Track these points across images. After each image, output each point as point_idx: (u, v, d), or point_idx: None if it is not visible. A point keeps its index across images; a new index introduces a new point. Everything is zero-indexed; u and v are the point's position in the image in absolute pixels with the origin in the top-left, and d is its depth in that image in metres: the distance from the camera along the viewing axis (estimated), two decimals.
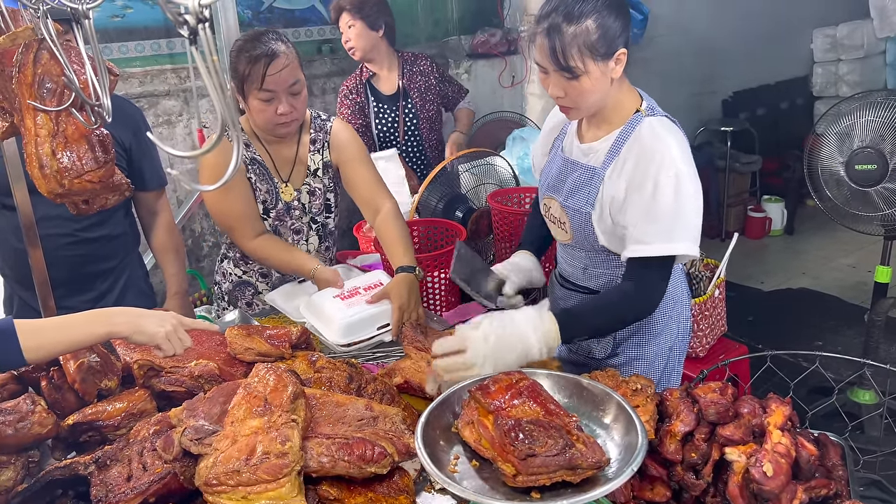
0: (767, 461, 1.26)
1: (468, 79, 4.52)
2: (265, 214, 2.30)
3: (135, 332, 1.44)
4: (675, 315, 1.91)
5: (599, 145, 1.75)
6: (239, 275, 2.45)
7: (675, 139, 1.65)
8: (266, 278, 2.44)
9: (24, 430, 1.40)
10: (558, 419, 1.16)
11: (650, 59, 5.14)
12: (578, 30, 1.57)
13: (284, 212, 2.32)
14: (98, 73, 0.99)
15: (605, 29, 1.58)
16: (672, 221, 1.60)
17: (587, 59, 1.59)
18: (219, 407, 1.34)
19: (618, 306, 1.68)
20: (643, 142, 1.65)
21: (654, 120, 1.69)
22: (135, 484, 1.25)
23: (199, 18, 0.66)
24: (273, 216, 2.31)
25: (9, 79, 1.20)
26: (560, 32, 1.58)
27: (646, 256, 1.62)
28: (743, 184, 5.84)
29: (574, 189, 1.78)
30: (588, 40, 1.58)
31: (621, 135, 1.70)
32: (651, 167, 1.61)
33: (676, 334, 1.93)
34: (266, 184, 2.28)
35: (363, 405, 1.43)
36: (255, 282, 2.45)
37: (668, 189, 1.59)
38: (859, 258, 5.14)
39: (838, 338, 4.15)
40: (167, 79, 3.54)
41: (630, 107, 1.73)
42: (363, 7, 3.29)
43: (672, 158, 1.61)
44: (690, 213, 1.62)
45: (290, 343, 1.77)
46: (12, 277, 2.34)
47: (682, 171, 1.60)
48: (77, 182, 1.21)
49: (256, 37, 2.07)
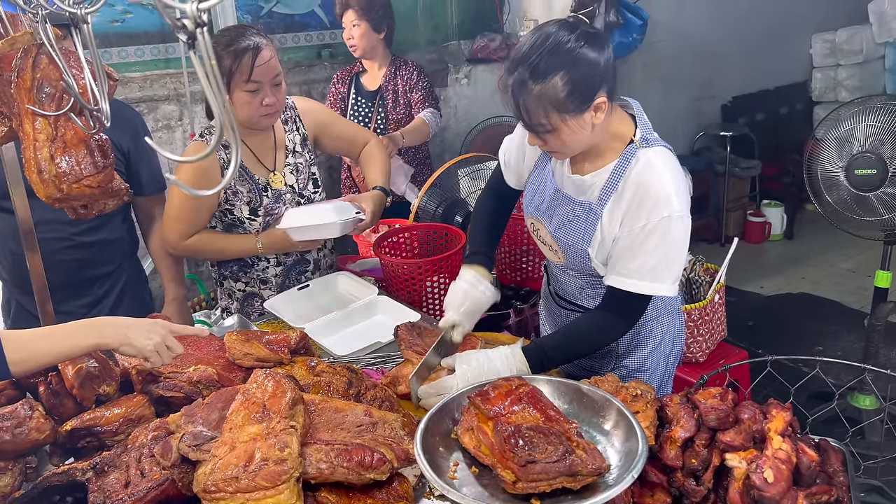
0: (768, 467, 1.25)
1: (468, 83, 4.52)
2: (252, 215, 2.27)
3: (123, 344, 1.43)
4: (671, 324, 1.92)
5: (593, 179, 1.67)
6: (242, 288, 2.43)
7: (670, 173, 1.59)
8: (266, 284, 2.42)
9: (22, 436, 1.40)
10: (558, 425, 1.15)
11: (650, 64, 5.14)
12: (545, 88, 1.46)
13: (274, 201, 2.31)
14: (97, 78, 0.99)
15: (575, 84, 1.46)
16: (655, 263, 1.60)
17: (554, 117, 1.50)
18: (217, 413, 1.33)
19: (591, 335, 1.72)
20: (638, 178, 1.59)
21: (649, 153, 1.61)
22: (132, 490, 1.25)
23: (197, 23, 0.66)
24: (261, 214, 2.29)
25: (7, 83, 1.20)
26: (525, 90, 1.48)
27: (625, 290, 1.63)
28: (742, 188, 5.84)
29: (566, 223, 1.73)
30: (556, 99, 1.47)
31: (616, 169, 1.62)
32: (645, 206, 1.58)
33: (672, 341, 1.94)
34: (247, 184, 2.27)
35: (362, 411, 1.42)
36: (258, 291, 2.43)
37: (657, 231, 1.57)
38: (859, 263, 5.13)
39: (838, 343, 4.14)
40: (166, 83, 3.54)
41: (624, 137, 1.64)
42: (370, 9, 3.32)
43: (666, 198, 1.56)
44: (674, 257, 1.61)
45: (288, 348, 1.76)
46: (10, 282, 2.34)
47: (675, 212, 1.56)
48: (76, 187, 1.21)
49: (240, 32, 2.11)
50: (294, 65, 3.96)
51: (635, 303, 1.66)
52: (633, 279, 1.61)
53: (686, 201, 1.61)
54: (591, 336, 1.72)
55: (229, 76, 2.06)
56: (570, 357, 1.78)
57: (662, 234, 1.57)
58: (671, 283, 1.62)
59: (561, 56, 1.45)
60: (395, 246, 2.62)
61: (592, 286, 1.83)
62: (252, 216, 2.28)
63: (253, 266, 2.38)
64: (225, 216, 2.28)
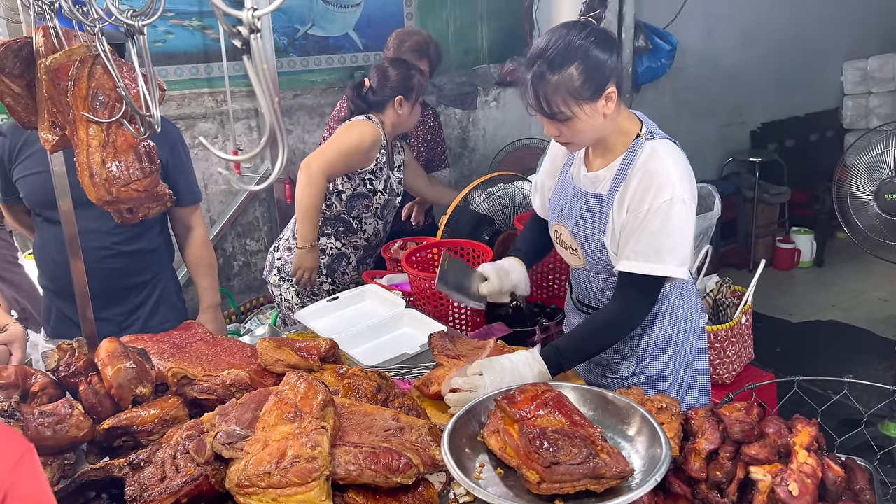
0: (793, 481, 1.25)
1: (496, 106, 4.58)
2: (384, 191, 2.89)
3: None
4: (693, 329, 1.96)
5: (604, 173, 1.79)
6: (339, 247, 2.95)
7: (674, 161, 1.70)
8: (357, 250, 2.97)
9: (62, 433, 1.44)
10: (583, 429, 1.17)
11: (679, 90, 5.17)
12: (562, 77, 1.62)
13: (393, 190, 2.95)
14: (149, 85, 1.05)
15: (589, 73, 1.62)
16: (659, 244, 1.67)
17: (572, 104, 1.64)
18: (250, 413, 1.37)
19: (603, 329, 1.79)
20: (644, 165, 1.71)
21: (655, 143, 1.74)
22: (168, 484, 1.28)
23: (251, 29, 0.71)
24: (388, 192, 2.91)
25: (63, 92, 1.27)
26: (544, 81, 1.63)
27: (634, 273, 1.70)
28: (771, 215, 5.80)
29: (583, 217, 1.83)
30: (572, 87, 1.62)
31: (624, 161, 1.75)
32: (649, 191, 1.68)
33: (695, 348, 1.97)
34: (387, 167, 2.91)
35: (390, 416, 1.45)
36: (349, 253, 2.97)
37: (659, 213, 1.66)
38: (891, 292, 5.06)
39: (869, 371, 4.07)
40: (204, 102, 3.65)
41: (631, 132, 1.77)
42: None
43: (670, 183, 1.66)
44: (678, 238, 1.68)
45: (318, 356, 1.79)
46: (52, 290, 2.41)
47: (678, 195, 1.66)
48: (124, 190, 1.27)
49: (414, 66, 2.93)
50: (328, 86, 4.06)
51: (645, 286, 1.73)
52: (640, 261, 1.69)
53: (690, 187, 1.70)
54: (602, 329, 1.79)
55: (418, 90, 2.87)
56: (586, 354, 1.84)
57: (665, 216, 1.66)
58: (677, 265, 1.69)
59: (574, 50, 1.62)
60: (423, 261, 2.66)
61: (612, 287, 1.87)
62: (383, 192, 2.89)
63: (356, 232, 2.95)
64: (365, 184, 2.86)
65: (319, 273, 2.93)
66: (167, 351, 1.74)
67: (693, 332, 1.96)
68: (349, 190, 2.86)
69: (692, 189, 1.71)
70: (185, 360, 1.70)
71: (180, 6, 3.52)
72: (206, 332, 1.87)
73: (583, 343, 1.80)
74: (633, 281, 1.73)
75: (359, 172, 2.84)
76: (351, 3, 4.03)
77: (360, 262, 3.02)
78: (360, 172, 2.84)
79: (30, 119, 1.54)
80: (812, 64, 5.97)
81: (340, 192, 2.87)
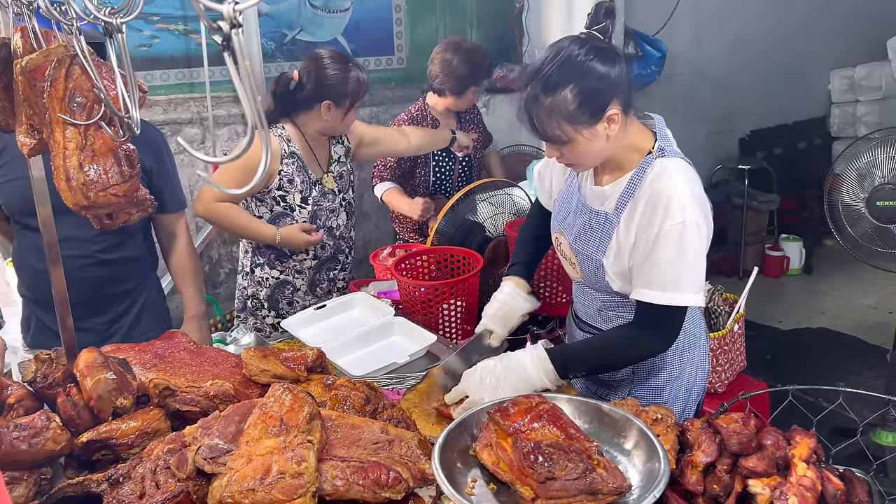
0: (793, 494, 1.23)
1: (486, 112, 4.56)
2: (303, 203, 2.60)
3: None
4: (693, 357, 1.87)
5: (611, 190, 1.69)
6: (277, 276, 2.71)
7: (686, 182, 1.59)
8: (300, 274, 2.70)
9: (38, 446, 1.39)
10: (579, 443, 1.14)
11: (668, 97, 5.16)
12: (555, 101, 1.51)
13: (320, 197, 2.65)
14: (128, 86, 1.01)
15: (585, 96, 1.50)
16: (675, 272, 1.57)
17: (567, 128, 1.53)
18: (234, 426, 1.33)
19: (615, 349, 1.72)
20: (653, 185, 1.60)
21: (666, 161, 1.63)
22: (147, 502, 1.24)
23: (232, 24, 0.67)
24: (310, 203, 2.62)
25: (40, 93, 1.22)
26: (538, 104, 1.52)
27: (651, 303, 1.61)
28: (760, 222, 5.81)
29: (583, 233, 1.74)
30: (566, 111, 1.51)
31: (633, 179, 1.65)
32: (658, 213, 1.57)
33: (695, 377, 1.88)
34: (301, 175, 2.60)
35: (378, 428, 1.41)
36: (292, 280, 2.71)
37: (671, 238, 1.56)
38: (880, 299, 5.07)
39: (859, 379, 4.07)
40: (190, 107, 3.60)
41: (643, 148, 1.66)
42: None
43: (680, 205, 1.55)
44: (692, 264, 1.58)
45: (305, 366, 1.75)
46: (31, 298, 2.36)
47: (690, 218, 1.55)
48: (102, 195, 1.22)
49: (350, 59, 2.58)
50: None
51: (664, 316, 1.63)
52: (655, 290, 1.59)
53: (704, 209, 1.60)
54: (614, 350, 1.71)
55: (353, 96, 2.53)
56: (592, 367, 1.77)
57: (677, 241, 1.55)
58: (693, 293, 1.59)
59: (570, 69, 1.50)
60: (412, 269, 2.63)
61: (610, 308, 1.81)
62: (303, 204, 2.60)
63: (291, 256, 2.69)
64: (278, 203, 2.59)
65: (261, 307, 2.74)
66: (149, 361, 1.70)
67: (692, 360, 1.86)
68: (267, 213, 2.61)
69: (704, 209, 1.60)
70: (168, 370, 1.65)
71: (166, 10, 3.48)
72: (190, 341, 1.82)
73: (591, 356, 1.73)
74: (649, 311, 1.62)
75: (267, 192, 2.58)
76: (340, 7, 4.00)
77: (312, 284, 2.75)
78: (269, 192, 2.58)
79: (7, 123, 1.49)
80: (800, 72, 6.00)
81: (260, 218, 2.62)
